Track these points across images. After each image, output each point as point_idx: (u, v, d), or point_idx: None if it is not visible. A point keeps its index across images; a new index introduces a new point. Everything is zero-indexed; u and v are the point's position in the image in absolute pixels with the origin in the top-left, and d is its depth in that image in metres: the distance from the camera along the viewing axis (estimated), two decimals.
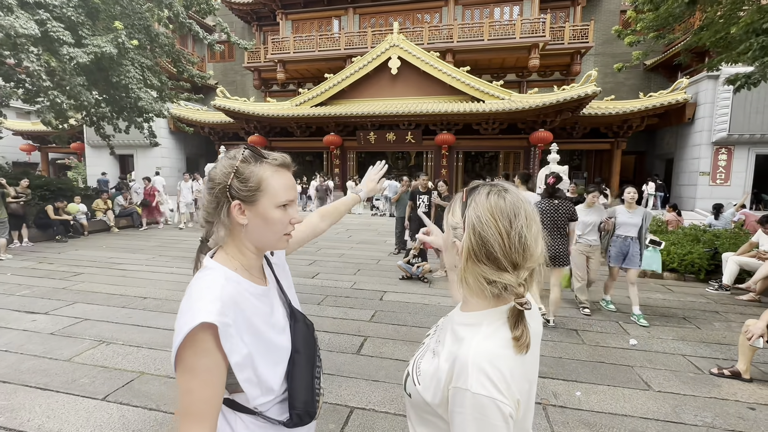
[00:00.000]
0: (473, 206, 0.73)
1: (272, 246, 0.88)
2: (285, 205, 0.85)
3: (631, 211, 4.33)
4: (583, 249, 4.49)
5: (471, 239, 0.72)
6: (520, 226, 0.70)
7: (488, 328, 0.72)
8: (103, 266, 6.23)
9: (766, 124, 12.68)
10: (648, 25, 6.87)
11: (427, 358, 0.80)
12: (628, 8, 16.30)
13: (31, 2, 6.64)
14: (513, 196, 0.73)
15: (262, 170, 0.83)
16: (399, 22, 17.61)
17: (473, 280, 0.74)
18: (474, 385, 0.65)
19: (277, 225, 0.84)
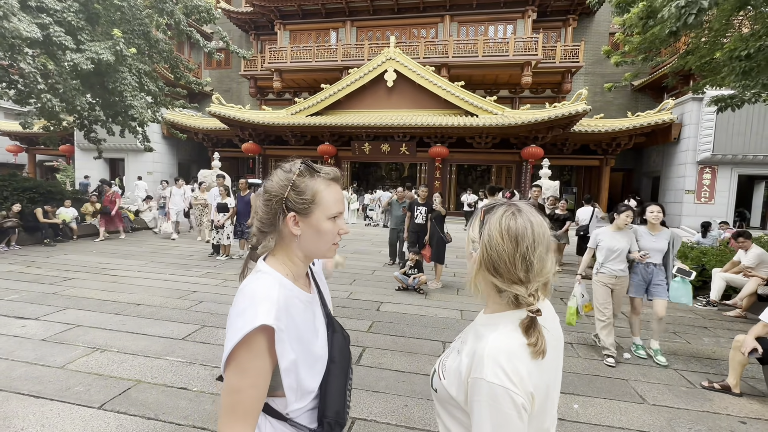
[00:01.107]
0: (488, 226, 0.82)
1: (322, 255, 0.92)
2: (335, 217, 0.90)
3: (655, 234, 3.69)
4: (607, 280, 3.68)
5: (483, 254, 0.81)
6: (524, 248, 0.78)
7: (506, 327, 0.79)
8: (94, 271, 6.12)
9: (747, 145, 13.17)
10: (636, 48, 7.15)
11: (452, 357, 0.88)
12: (617, 31, 16.92)
13: (33, 6, 6.62)
14: (524, 218, 0.80)
15: (316, 184, 0.87)
16: (396, 36, 17.94)
17: (484, 286, 0.84)
18: (489, 375, 0.72)
19: (328, 235, 0.89)
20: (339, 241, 0.93)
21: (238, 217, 7.44)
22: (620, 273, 3.68)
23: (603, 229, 3.80)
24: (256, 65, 20.50)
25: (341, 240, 0.95)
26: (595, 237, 3.79)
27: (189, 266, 6.79)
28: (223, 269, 6.66)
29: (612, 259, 3.66)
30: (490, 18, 18.18)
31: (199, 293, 5.17)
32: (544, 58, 17.39)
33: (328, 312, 0.98)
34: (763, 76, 5.03)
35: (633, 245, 3.67)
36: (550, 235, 0.84)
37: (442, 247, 6.13)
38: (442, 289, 5.94)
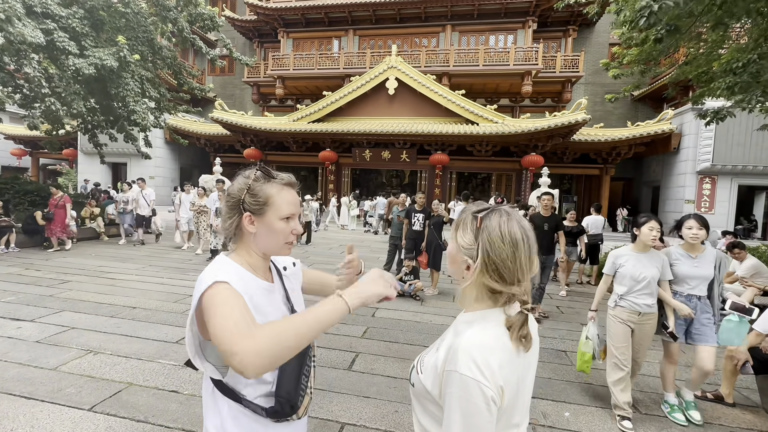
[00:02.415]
0: (486, 233, 0.84)
1: (276, 252, 1.02)
2: (288, 218, 0.99)
3: (696, 256, 2.79)
4: (628, 317, 2.77)
5: (485, 261, 0.82)
6: (522, 251, 0.82)
7: (486, 323, 0.83)
8: (92, 274, 6.14)
9: (747, 156, 13.19)
10: (634, 60, 7.22)
11: (431, 353, 0.91)
12: (616, 41, 17.07)
13: (38, 12, 6.75)
14: (517, 223, 0.85)
15: (269, 188, 0.98)
16: (397, 45, 18.15)
17: (478, 292, 0.86)
18: (462, 367, 0.75)
19: (280, 234, 0.98)
20: (293, 240, 1.01)
21: None
22: (646, 309, 2.73)
23: (623, 249, 2.88)
24: (259, 72, 20.73)
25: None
26: (614, 260, 2.85)
27: (186, 270, 6.81)
28: None
29: (636, 290, 2.72)
30: (491, 28, 18.39)
31: None
32: (545, 68, 17.54)
33: (290, 308, 1.06)
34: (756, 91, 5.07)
35: (665, 272, 2.74)
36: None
37: (439, 254, 6.14)
38: (438, 295, 5.94)
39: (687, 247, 2.84)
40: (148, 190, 9.53)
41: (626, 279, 2.76)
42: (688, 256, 2.83)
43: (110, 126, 10.54)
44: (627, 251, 2.85)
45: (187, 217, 9.37)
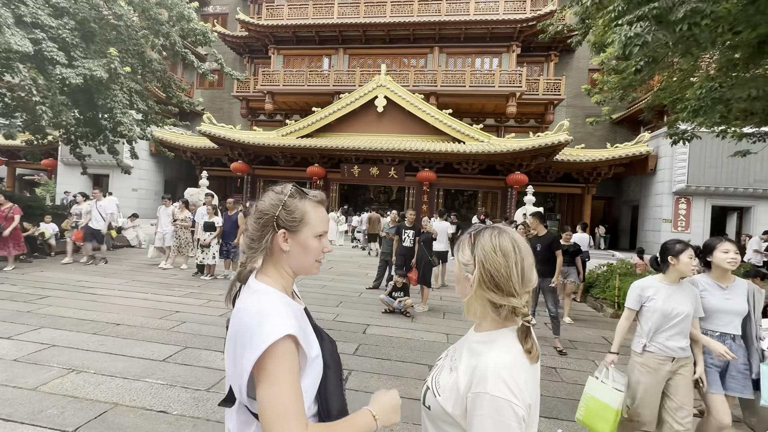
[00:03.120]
0: (480, 246, 0.91)
1: (307, 271, 0.99)
2: (320, 236, 0.98)
3: (727, 287, 2.38)
4: (659, 365, 2.26)
5: (481, 272, 0.89)
6: (514, 261, 0.88)
7: (503, 343, 0.87)
8: (72, 289, 5.93)
9: (719, 178, 13.84)
10: (613, 87, 7.61)
11: (445, 374, 0.93)
12: (595, 68, 17.90)
13: (28, 21, 6.69)
14: (508, 236, 0.91)
15: (305, 205, 0.96)
16: (387, 64, 18.57)
17: (480, 306, 0.91)
18: (492, 389, 0.78)
19: (313, 252, 0.97)
20: (322, 258, 1.00)
21: (224, 236, 7.38)
22: (680, 353, 2.24)
23: (649, 280, 2.39)
24: (248, 87, 20.80)
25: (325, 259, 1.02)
26: (640, 292, 2.36)
27: (172, 286, 6.65)
28: (207, 289, 6.53)
29: (668, 329, 2.24)
30: (477, 51, 19.04)
31: (181, 313, 5.05)
32: (528, 90, 18.18)
33: (314, 322, 1.04)
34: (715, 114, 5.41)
35: (698, 307, 2.29)
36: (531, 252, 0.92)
37: (429, 270, 6.19)
38: (428, 312, 5.95)
39: (717, 276, 2.39)
40: (105, 202, 8.54)
41: (656, 315, 2.26)
42: (718, 287, 2.38)
43: (93, 137, 10.37)
44: (655, 282, 2.35)
45: (164, 232, 8.60)
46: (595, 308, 6.94)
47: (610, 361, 2.42)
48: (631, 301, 2.42)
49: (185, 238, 8.45)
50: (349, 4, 19.44)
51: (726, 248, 2.33)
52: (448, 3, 18.52)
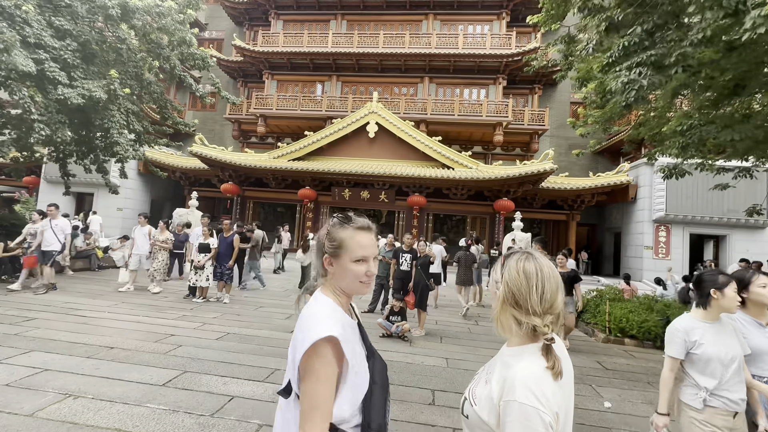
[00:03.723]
0: (507, 267, 1.04)
1: (354, 291, 1.10)
2: (361, 260, 1.07)
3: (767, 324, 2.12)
4: (723, 422, 1.90)
5: (505, 289, 1.02)
6: (535, 283, 0.98)
7: (530, 357, 0.97)
8: (60, 311, 5.73)
9: (695, 207, 14.53)
10: (596, 120, 8.09)
11: (481, 385, 1.03)
12: (576, 101, 18.88)
13: (32, 42, 6.75)
14: (535, 261, 1.02)
15: (343, 232, 1.09)
16: (378, 91, 19.15)
17: (505, 320, 1.02)
18: (520, 396, 0.88)
19: (353, 274, 1.07)
20: (366, 280, 1.08)
21: (219, 258, 7.30)
22: (742, 405, 1.94)
23: (690, 320, 2.03)
24: (241, 110, 21.02)
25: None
26: (684, 336, 1.97)
27: (163, 308, 6.49)
28: (200, 312, 6.40)
29: (729, 378, 1.90)
30: (466, 82, 19.88)
31: (176, 337, 4.94)
32: (514, 120, 18.95)
33: (368, 342, 1.14)
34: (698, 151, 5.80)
35: (744, 345, 2.02)
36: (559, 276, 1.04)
37: (426, 294, 6.24)
38: (425, 336, 5.96)
39: (755, 312, 2.13)
40: (60, 221, 7.46)
41: (713, 364, 1.90)
42: (757, 324, 2.10)
43: (84, 156, 10.27)
44: (698, 322, 1.99)
45: (139, 253, 8.04)
46: (586, 333, 7.07)
47: (662, 425, 1.98)
48: (675, 348, 1.99)
49: (162, 261, 8.00)
50: (343, 35, 20.18)
51: (763, 282, 2.07)
52: (438, 37, 19.43)
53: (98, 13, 8.12)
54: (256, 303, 7.48)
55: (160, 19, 8.76)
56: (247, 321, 6.03)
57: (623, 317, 6.44)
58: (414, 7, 20.36)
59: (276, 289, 9.43)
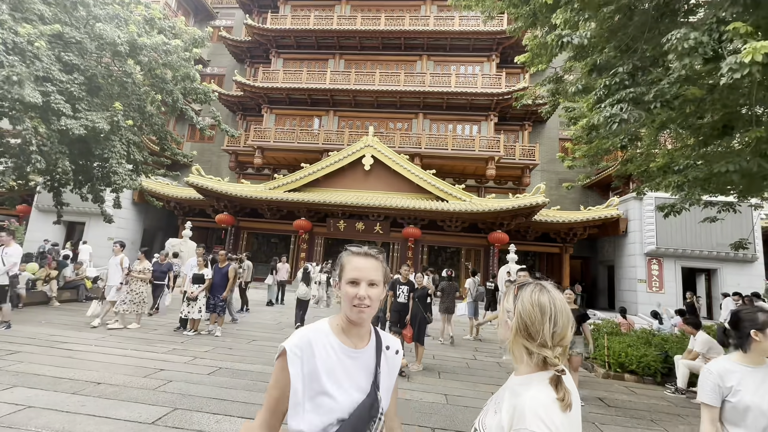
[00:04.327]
0: (520, 299, 1.06)
1: (348, 315, 1.11)
2: (353, 282, 1.10)
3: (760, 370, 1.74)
4: None
5: (518, 321, 1.04)
6: (549, 316, 1.01)
7: (538, 385, 0.98)
8: (45, 344, 5.52)
9: (685, 241, 14.78)
10: (584, 155, 8.39)
11: (490, 415, 1.05)
12: (565, 137, 19.61)
13: (40, 76, 6.96)
14: (548, 294, 1.05)
15: (345, 256, 1.17)
16: (374, 126, 19.71)
17: (518, 351, 1.05)
18: (530, 424, 0.90)
19: (346, 297, 1.11)
20: (359, 305, 1.07)
21: (212, 289, 7.18)
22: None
23: (726, 362, 1.79)
24: (239, 141, 21.36)
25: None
26: (717, 381, 1.72)
27: (153, 341, 6.29)
28: (191, 345, 6.21)
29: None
30: (458, 119, 20.60)
31: (166, 371, 4.77)
32: (506, 155, 19.49)
33: (374, 385, 1.10)
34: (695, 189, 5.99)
35: None
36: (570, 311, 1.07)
37: (423, 327, 6.15)
38: (423, 371, 5.82)
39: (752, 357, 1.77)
40: (12, 249, 6.44)
41: (751, 416, 1.62)
42: (747, 371, 1.77)
43: (80, 185, 10.30)
44: (736, 365, 1.74)
45: (112, 285, 7.31)
46: (586, 368, 6.96)
47: None
48: (708, 394, 1.72)
49: (139, 293, 7.18)
50: (340, 72, 21.02)
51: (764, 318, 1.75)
52: (432, 76, 20.33)
53: (107, 50, 8.44)
54: (249, 336, 7.29)
55: (166, 56, 9.10)
56: (239, 355, 5.86)
57: (622, 351, 6.38)
58: (408, 49, 21.41)
59: (269, 322, 9.21)
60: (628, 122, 3.94)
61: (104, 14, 8.41)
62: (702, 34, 3.41)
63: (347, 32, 20.85)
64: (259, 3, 24.06)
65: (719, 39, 3.35)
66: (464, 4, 6.50)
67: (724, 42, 3.31)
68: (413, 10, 22.13)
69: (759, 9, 3.61)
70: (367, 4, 22.51)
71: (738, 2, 3.50)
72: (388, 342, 1.20)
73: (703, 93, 4.32)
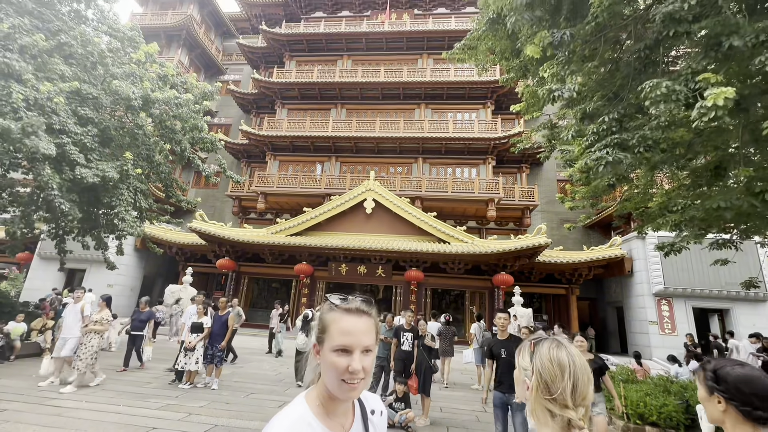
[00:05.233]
0: (538, 356, 1.03)
1: (335, 391, 0.88)
2: (342, 350, 0.87)
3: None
4: None
5: (537, 380, 1.00)
6: (569, 374, 0.98)
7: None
8: (33, 401, 5.27)
9: (693, 280, 14.50)
10: (583, 196, 8.51)
11: None
12: (562, 178, 19.97)
13: (56, 128, 7.28)
14: (566, 351, 1.02)
15: (330, 315, 0.93)
16: (375, 170, 20.17)
17: (541, 413, 0.99)
18: None
19: (331, 369, 0.87)
20: (351, 380, 0.86)
21: (211, 338, 6.97)
22: None
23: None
24: (242, 187, 21.79)
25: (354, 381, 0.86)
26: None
27: (146, 396, 6.00)
28: (186, 400, 5.92)
29: None
30: (457, 162, 21.14)
31: (159, 430, 4.51)
32: (506, 197, 19.74)
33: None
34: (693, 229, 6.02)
35: None
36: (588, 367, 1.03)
37: (429, 377, 5.89)
38: (431, 426, 5.49)
39: None
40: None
41: None
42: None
43: (85, 233, 10.40)
44: None
45: (67, 338, 6.39)
46: None
47: None
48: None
49: (90, 346, 6.25)
50: (342, 121, 21.93)
51: None
52: (430, 123, 21.16)
53: (121, 104, 8.89)
54: (247, 389, 6.96)
55: (177, 108, 9.56)
56: (236, 410, 5.56)
57: (640, 401, 6.04)
58: (407, 98, 22.48)
59: (269, 372, 8.84)
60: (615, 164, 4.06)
61: (121, 72, 8.96)
62: (677, 83, 3.62)
63: (349, 84, 22.01)
64: (266, 59, 25.64)
65: (695, 88, 3.55)
66: (458, 58, 6.92)
67: (699, 90, 3.50)
68: (411, 63, 23.50)
69: (729, 61, 3.86)
70: (368, 59, 23.96)
71: (709, 55, 3.75)
72: (371, 406, 1.04)
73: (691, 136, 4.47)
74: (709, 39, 3.72)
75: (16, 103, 6.41)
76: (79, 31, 8.20)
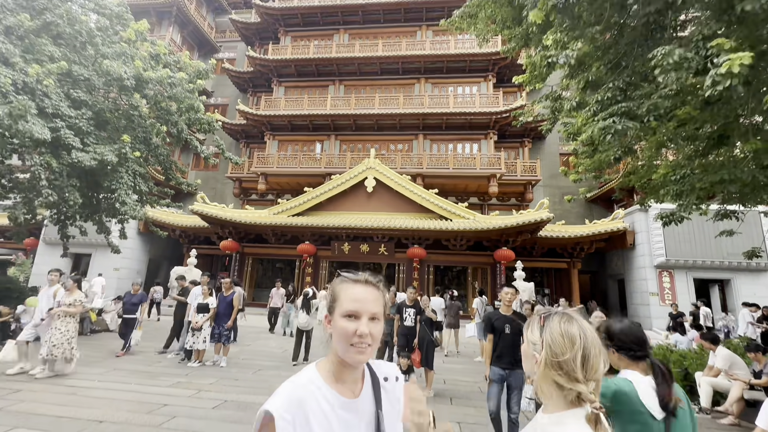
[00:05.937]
0: (548, 330, 1.00)
1: (344, 356, 0.94)
2: (351, 316, 0.94)
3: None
4: None
5: (547, 353, 0.98)
6: (579, 347, 0.96)
7: (576, 425, 0.92)
8: (47, 382, 5.43)
9: (695, 251, 14.53)
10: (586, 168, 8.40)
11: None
12: (565, 152, 19.73)
13: (49, 112, 7.16)
14: (576, 324, 1.00)
15: (341, 286, 1.00)
16: (376, 148, 19.93)
17: (546, 386, 0.98)
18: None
19: (341, 334, 0.93)
20: (360, 344, 0.92)
21: (217, 318, 7.09)
22: None
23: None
24: (242, 168, 21.67)
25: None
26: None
27: (157, 374, 6.17)
28: (195, 378, 6.08)
29: None
30: (458, 138, 20.83)
31: (170, 407, 4.65)
32: (507, 172, 19.57)
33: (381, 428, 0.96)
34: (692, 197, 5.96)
35: None
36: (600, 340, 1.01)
37: (431, 351, 6.00)
38: (434, 398, 5.64)
39: None
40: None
41: None
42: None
43: (87, 218, 10.42)
44: None
45: (37, 323, 6.02)
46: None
47: None
48: None
49: (65, 331, 5.76)
50: (341, 98, 21.50)
51: None
52: (430, 97, 20.72)
53: (114, 85, 8.70)
54: (255, 366, 7.14)
55: (171, 88, 9.36)
56: (245, 386, 5.72)
57: None
58: (406, 72, 21.93)
59: (275, 350, 9.04)
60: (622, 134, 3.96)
61: (112, 52, 8.71)
62: (689, 50, 3.46)
63: (346, 59, 21.44)
64: (261, 35, 24.92)
65: (706, 55, 3.39)
66: (456, 26, 6.66)
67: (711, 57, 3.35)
68: (409, 35, 22.79)
69: (742, 25, 3.68)
70: (365, 32, 23.23)
71: (722, 19, 3.57)
72: (384, 373, 1.05)
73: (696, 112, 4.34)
74: (721, 2, 3.54)
75: (5, 87, 6.27)
76: (65, 9, 7.93)
